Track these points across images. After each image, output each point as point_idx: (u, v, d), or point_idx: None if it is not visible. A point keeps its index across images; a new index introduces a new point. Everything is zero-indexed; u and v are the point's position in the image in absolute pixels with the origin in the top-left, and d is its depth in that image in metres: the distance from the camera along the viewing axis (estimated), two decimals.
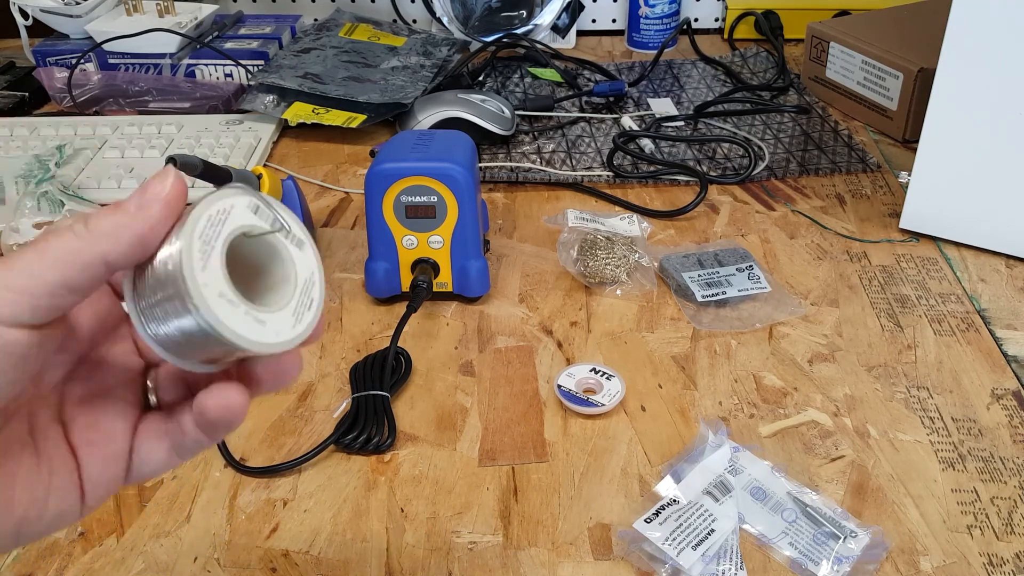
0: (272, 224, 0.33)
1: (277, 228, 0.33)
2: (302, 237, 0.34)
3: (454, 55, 1.15)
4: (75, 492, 0.33)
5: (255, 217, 0.32)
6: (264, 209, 0.33)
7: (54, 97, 1.07)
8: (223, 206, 0.31)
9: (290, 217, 0.33)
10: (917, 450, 0.58)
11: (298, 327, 0.32)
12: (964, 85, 0.72)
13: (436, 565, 0.52)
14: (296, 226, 0.34)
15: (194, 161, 0.63)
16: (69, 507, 0.32)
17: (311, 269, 0.33)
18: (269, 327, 0.31)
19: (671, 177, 0.90)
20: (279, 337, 0.32)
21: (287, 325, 0.32)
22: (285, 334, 0.32)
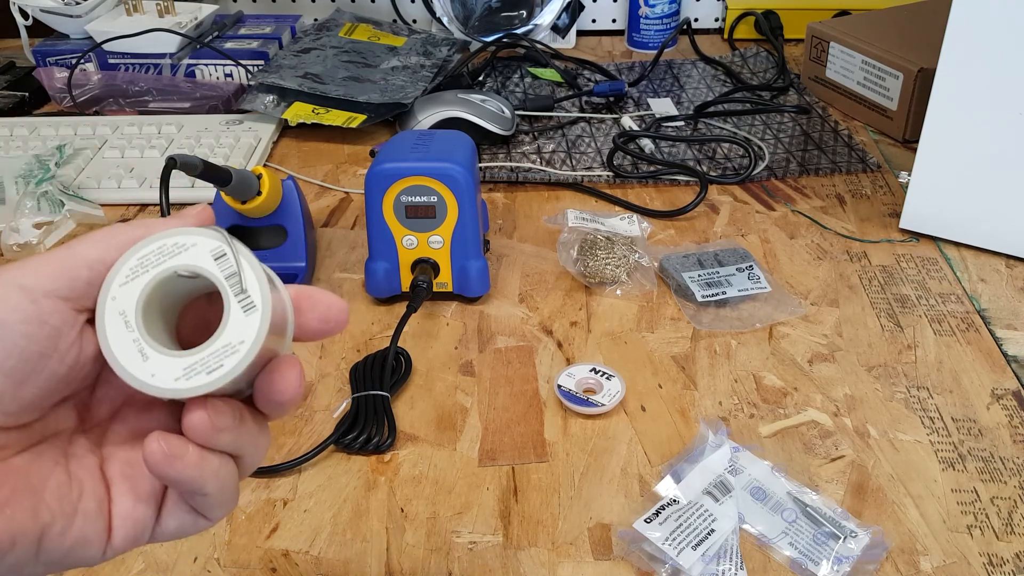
0: (226, 276, 0.31)
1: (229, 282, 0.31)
2: (256, 303, 0.31)
3: (454, 55, 1.15)
4: (102, 522, 0.32)
5: (212, 263, 0.31)
6: (229, 259, 0.31)
7: (54, 97, 1.07)
8: (184, 241, 0.32)
9: (254, 278, 0.32)
10: (917, 450, 0.58)
11: (182, 382, 0.31)
12: (964, 85, 0.72)
13: (436, 565, 0.52)
14: (256, 289, 0.31)
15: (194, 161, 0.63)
16: (94, 536, 0.32)
17: (242, 338, 0.31)
18: (149, 365, 0.31)
19: (671, 177, 0.90)
20: (152, 379, 0.31)
21: (170, 374, 0.31)
22: (161, 380, 0.31)
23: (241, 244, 0.32)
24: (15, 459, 0.31)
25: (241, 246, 0.32)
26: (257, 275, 0.32)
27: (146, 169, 0.91)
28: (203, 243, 0.32)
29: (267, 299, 0.31)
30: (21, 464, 0.31)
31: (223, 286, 0.31)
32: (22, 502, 0.30)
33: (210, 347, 0.31)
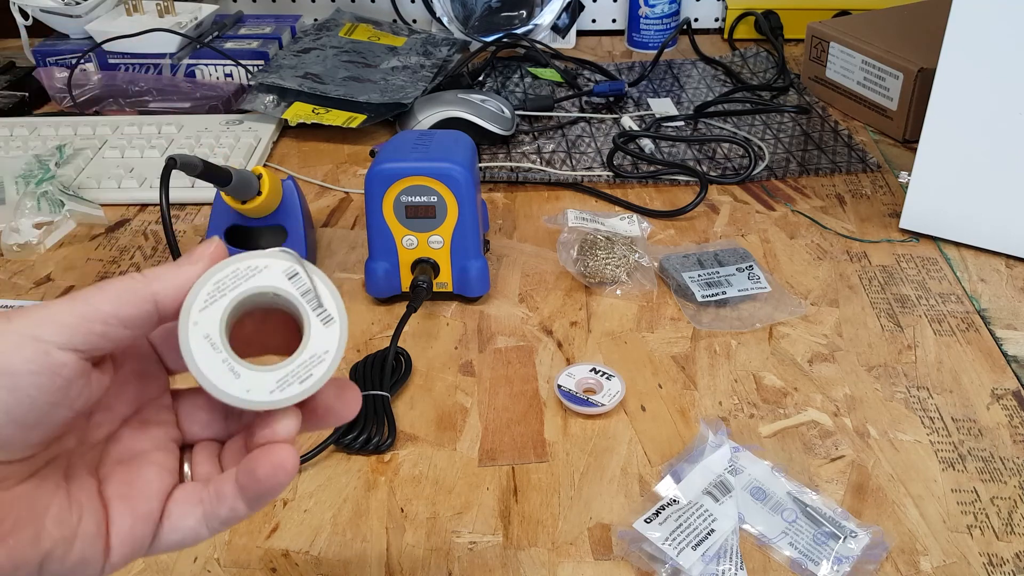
0: (302, 293, 0.34)
1: (305, 298, 0.34)
2: (333, 315, 0.34)
3: (454, 55, 1.15)
4: (101, 543, 0.33)
5: (287, 282, 0.34)
6: (302, 277, 0.34)
7: (54, 97, 1.07)
8: (257, 264, 0.34)
9: (328, 293, 0.34)
10: (917, 450, 0.58)
11: (276, 394, 0.33)
12: (964, 85, 0.72)
13: (436, 565, 0.52)
14: (332, 303, 0.34)
15: (194, 161, 0.63)
16: (93, 556, 0.33)
17: (326, 348, 0.34)
18: (242, 382, 0.33)
19: (671, 177, 0.90)
20: (247, 395, 0.33)
21: (263, 387, 0.33)
22: (256, 395, 0.33)
23: (311, 264, 0.35)
24: (18, 488, 0.31)
25: (311, 265, 0.35)
26: (331, 291, 0.34)
27: (146, 169, 0.91)
28: (275, 264, 0.34)
29: (343, 312, 0.34)
30: (24, 492, 0.31)
31: (300, 302, 0.34)
32: (24, 531, 0.31)
33: (297, 359, 0.34)
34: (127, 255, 0.80)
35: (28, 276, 0.78)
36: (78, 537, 0.32)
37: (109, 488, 0.34)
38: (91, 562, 0.33)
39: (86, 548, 0.32)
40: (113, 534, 0.33)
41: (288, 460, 0.33)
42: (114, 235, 0.84)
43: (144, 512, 0.34)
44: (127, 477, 0.34)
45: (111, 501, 0.34)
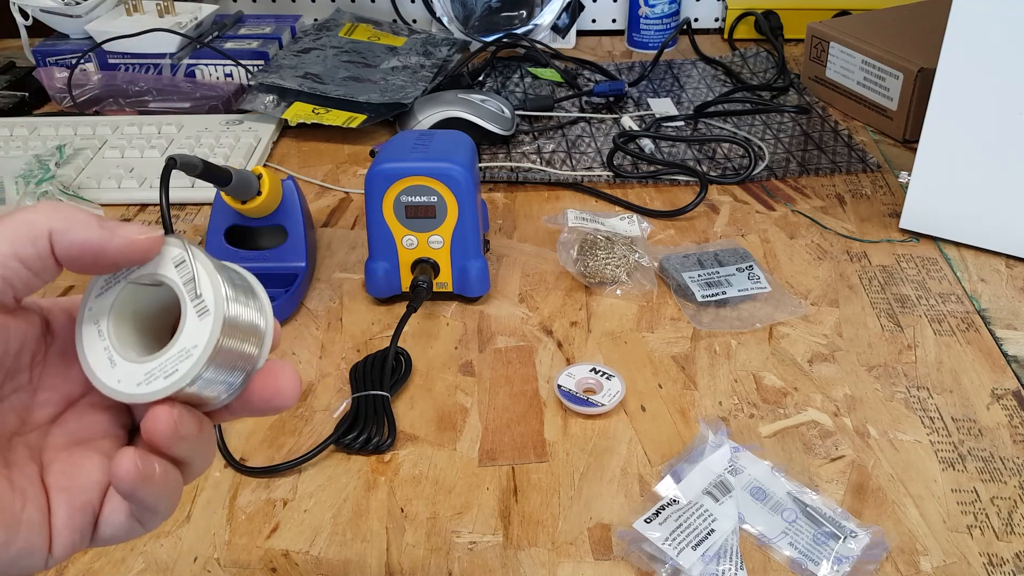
0: (184, 282, 0.32)
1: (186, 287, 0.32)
2: (209, 307, 0.32)
3: (454, 55, 1.15)
4: (44, 534, 0.32)
5: (172, 269, 0.32)
6: (187, 266, 0.32)
7: (54, 97, 1.07)
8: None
9: (208, 282, 0.32)
10: (917, 450, 0.58)
11: (143, 387, 0.32)
12: (964, 85, 0.72)
13: (436, 565, 0.52)
14: (210, 292, 0.32)
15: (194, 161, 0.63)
16: (37, 546, 0.32)
17: (195, 342, 0.31)
18: (116, 371, 0.32)
19: (671, 177, 0.90)
20: (118, 385, 0.32)
21: (132, 379, 0.32)
22: (125, 386, 0.32)
23: (201, 250, 0.33)
24: None
25: (198, 251, 0.33)
26: (212, 280, 0.32)
27: (146, 169, 0.91)
28: (166, 251, 0.32)
29: (220, 302, 0.31)
30: None
31: (181, 292, 0.32)
32: None
33: (167, 352, 0.32)
34: None
35: None
36: (22, 524, 0.31)
37: (50, 477, 0.33)
38: (34, 552, 0.32)
39: (30, 537, 0.32)
40: (54, 524, 0.32)
41: (120, 468, 0.31)
42: None
43: (81, 503, 0.33)
44: (68, 467, 0.33)
45: (52, 491, 0.33)
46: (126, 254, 0.32)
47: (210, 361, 0.31)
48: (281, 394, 0.34)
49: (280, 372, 0.34)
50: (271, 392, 0.34)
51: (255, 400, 0.34)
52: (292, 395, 0.34)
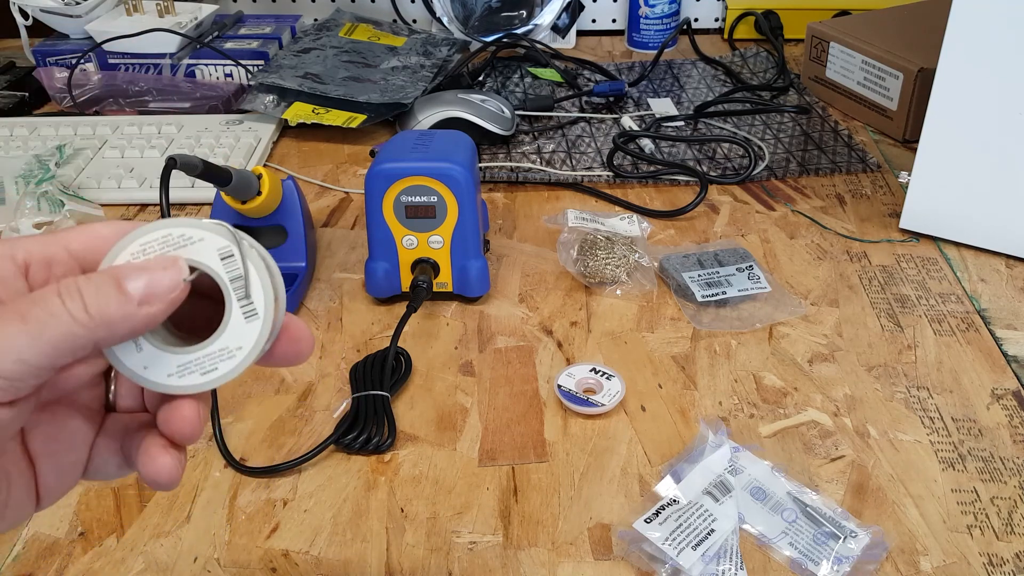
0: (232, 279, 0.30)
1: (233, 284, 0.30)
2: (259, 311, 0.30)
3: (454, 55, 1.15)
4: (31, 500, 0.32)
5: (218, 262, 0.30)
6: (236, 261, 0.30)
7: (54, 97, 1.07)
8: (191, 234, 0.30)
9: (259, 285, 0.30)
10: (917, 450, 0.58)
11: (174, 379, 0.30)
12: (964, 85, 0.72)
13: (436, 565, 0.52)
14: (261, 296, 0.31)
15: (194, 161, 0.63)
16: (25, 513, 0.32)
17: (240, 343, 0.30)
18: (142, 356, 0.30)
19: (671, 177, 0.90)
20: (143, 371, 0.30)
21: (162, 368, 0.30)
22: (152, 373, 0.30)
23: (251, 243, 0.31)
24: None
25: (249, 247, 0.31)
26: (263, 282, 0.31)
27: (146, 169, 0.91)
28: (211, 240, 0.30)
29: (270, 309, 0.31)
30: None
31: (227, 288, 0.30)
32: None
33: (207, 348, 0.30)
34: None
35: None
36: (9, 505, 0.31)
37: (35, 443, 0.32)
38: (23, 517, 0.32)
39: (18, 510, 0.31)
40: (42, 486, 0.32)
41: (163, 473, 0.31)
42: None
43: (70, 463, 0.32)
44: (52, 429, 0.32)
45: (38, 458, 0.32)
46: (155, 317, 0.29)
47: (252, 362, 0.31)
48: (300, 355, 0.33)
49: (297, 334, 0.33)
50: (292, 355, 0.33)
51: (270, 361, 0.33)
52: (308, 352, 0.33)
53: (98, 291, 0.28)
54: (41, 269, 0.30)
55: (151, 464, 0.31)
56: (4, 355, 0.26)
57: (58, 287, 0.28)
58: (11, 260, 0.29)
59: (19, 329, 0.27)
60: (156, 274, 0.29)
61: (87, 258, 0.30)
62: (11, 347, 0.26)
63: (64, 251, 0.30)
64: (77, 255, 0.30)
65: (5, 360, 0.26)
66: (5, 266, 0.29)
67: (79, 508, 0.56)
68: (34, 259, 0.30)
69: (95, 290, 0.28)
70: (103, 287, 0.28)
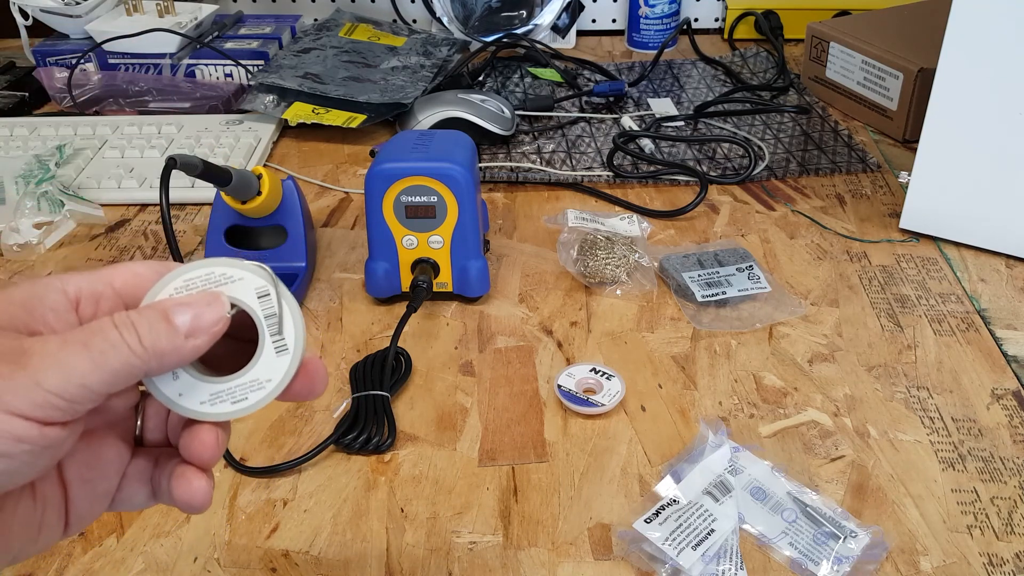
0: (266, 316, 0.33)
1: (267, 321, 0.33)
2: (289, 346, 0.33)
3: (454, 55, 1.15)
4: (61, 525, 0.33)
5: (255, 300, 0.33)
6: (272, 300, 0.33)
7: (54, 97, 1.07)
8: (231, 273, 0.33)
9: (291, 323, 0.33)
10: (917, 450, 0.58)
11: (206, 406, 0.33)
12: (964, 85, 0.72)
13: (436, 565, 0.52)
14: (292, 333, 0.33)
15: (194, 161, 0.63)
16: (54, 538, 0.33)
17: (270, 376, 0.33)
18: (178, 385, 0.33)
19: (671, 177, 0.90)
20: (179, 398, 0.33)
21: (196, 396, 0.33)
22: (187, 401, 0.33)
23: (284, 286, 0.34)
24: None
25: (284, 288, 0.34)
26: (295, 321, 0.33)
27: (146, 169, 0.91)
28: (250, 279, 0.33)
29: (300, 345, 0.33)
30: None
31: (261, 324, 0.33)
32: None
33: (238, 379, 0.33)
34: (127, 255, 0.81)
35: (28, 276, 0.78)
36: (43, 529, 0.32)
37: (70, 469, 0.33)
38: (52, 541, 0.33)
39: (49, 535, 0.32)
40: (72, 512, 0.33)
41: (197, 496, 0.33)
42: (114, 235, 0.84)
43: (102, 492, 0.34)
44: (88, 457, 0.34)
45: (71, 484, 0.33)
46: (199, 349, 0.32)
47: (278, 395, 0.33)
48: (314, 391, 0.35)
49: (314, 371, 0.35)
50: (307, 390, 0.35)
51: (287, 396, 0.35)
52: (322, 389, 0.35)
53: (151, 325, 0.30)
54: (90, 304, 0.32)
55: (186, 487, 0.33)
56: (69, 379, 0.28)
57: (113, 320, 0.30)
58: (63, 294, 0.32)
59: (84, 356, 0.29)
60: (201, 309, 0.31)
61: (129, 295, 0.33)
62: (75, 372, 0.28)
63: (109, 287, 0.32)
64: (120, 292, 0.32)
65: (70, 383, 0.28)
66: (59, 299, 0.31)
67: None
68: (84, 294, 0.32)
69: (147, 324, 0.30)
70: (154, 321, 0.30)
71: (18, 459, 0.28)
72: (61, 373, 0.28)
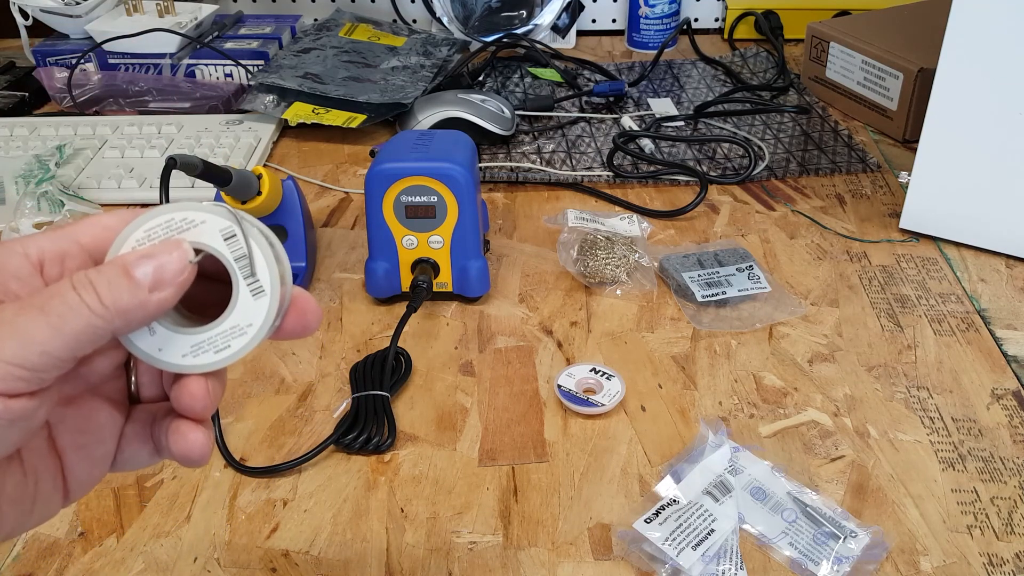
0: (236, 258, 0.31)
1: (239, 264, 0.31)
2: (265, 287, 0.31)
3: (454, 55, 1.15)
4: (59, 494, 0.32)
5: (222, 242, 0.31)
6: (239, 241, 0.31)
7: (54, 97, 1.07)
8: (193, 217, 0.31)
9: (264, 262, 0.31)
10: (917, 450, 0.58)
11: (188, 359, 0.31)
12: (964, 85, 0.72)
13: (436, 565, 0.52)
14: (266, 273, 0.31)
15: (194, 161, 0.63)
16: (52, 509, 0.32)
17: (250, 320, 0.31)
18: (156, 339, 0.31)
19: (671, 177, 0.90)
20: (158, 353, 0.31)
21: (176, 349, 0.31)
22: (167, 355, 0.31)
23: (253, 222, 0.32)
24: None
25: (251, 225, 0.32)
26: (267, 259, 0.31)
27: (146, 169, 0.91)
28: (212, 221, 0.31)
29: (276, 284, 0.31)
30: None
31: (232, 267, 0.31)
32: None
33: (218, 327, 0.31)
34: None
35: None
36: (37, 501, 0.31)
37: (62, 437, 0.32)
38: (51, 512, 0.32)
39: (45, 507, 0.32)
40: (70, 480, 0.32)
41: (195, 449, 0.32)
42: None
43: (100, 455, 0.33)
44: (79, 422, 0.32)
45: (65, 451, 0.32)
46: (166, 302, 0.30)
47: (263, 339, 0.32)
48: (308, 328, 0.34)
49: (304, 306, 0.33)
50: (300, 328, 0.33)
51: (280, 335, 0.34)
52: (316, 324, 0.34)
53: (110, 283, 0.28)
54: (55, 265, 0.30)
55: (182, 441, 0.32)
56: (29, 347, 0.27)
57: (71, 280, 0.28)
58: (25, 257, 0.30)
59: (41, 322, 0.27)
60: (162, 259, 0.29)
61: (98, 250, 0.31)
62: (35, 339, 0.27)
63: (75, 245, 0.31)
64: (88, 248, 0.31)
65: (30, 352, 0.27)
66: (20, 263, 0.30)
67: (79, 508, 0.56)
68: (47, 255, 0.30)
69: (107, 282, 0.28)
70: (114, 278, 0.29)
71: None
72: (18, 342, 0.27)
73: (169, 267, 0.29)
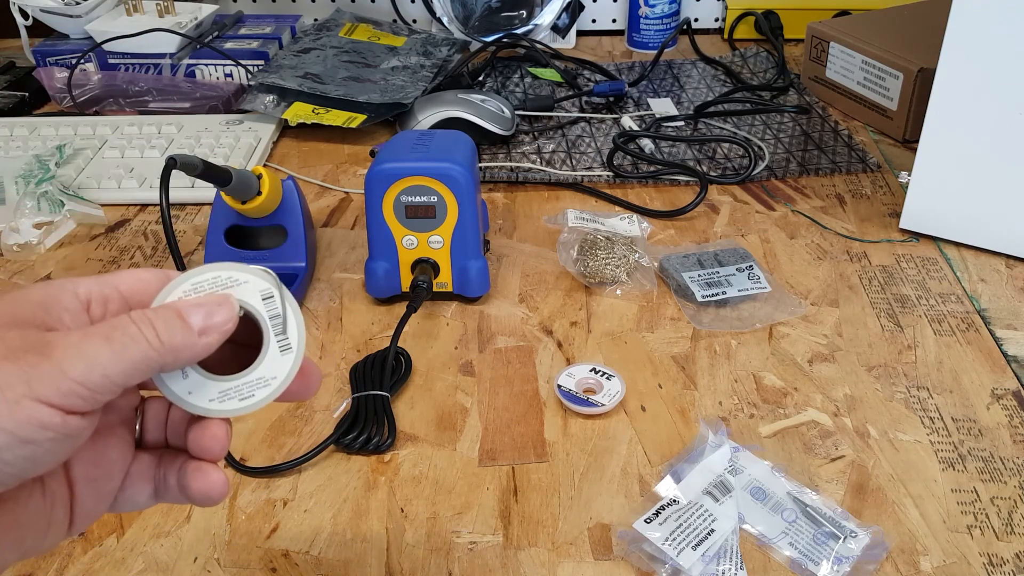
0: (271, 317, 0.35)
1: (272, 322, 0.35)
2: (292, 346, 0.35)
3: (454, 55, 1.15)
4: (67, 522, 0.34)
5: (260, 302, 0.35)
6: (276, 302, 0.35)
7: (54, 97, 1.07)
8: (237, 276, 0.35)
9: (295, 324, 0.35)
10: (917, 450, 0.58)
11: (215, 404, 0.34)
12: (964, 85, 0.72)
13: (436, 565, 0.52)
14: (295, 334, 0.35)
15: (194, 161, 0.63)
16: (59, 538, 0.34)
17: (275, 374, 0.35)
18: (187, 383, 0.34)
19: (671, 177, 0.90)
20: (188, 396, 0.34)
21: (205, 394, 0.34)
22: (196, 399, 0.34)
23: (286, 289, 0.36)
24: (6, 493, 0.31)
25: (287, 291, 0.35)
26: (298, 321, 0.35)
27: (146, 169, 0.91)
28: (254, 282, 0.35)
29: (302, 346, 0.35)
30: (8, 497, 0.32)
31: (266, 324, 0.35)
32: (7, 541, 0.31)
33: (245, 377, 0.35)
34: (127, 255, 0.81)
35: (28, 276, 0.78)
36: (51, 525, 0.33)
37: (76, 468, 0.34)
38: (57, 540, 0.34)
39: (56, 532, 0.33)
40: (77, 511, 0.34)
41: (216, 488, 0.35)
42: (114, 235, 0.84)
43: (107, 491, 0.35)
44: (93, 456, 0.35)
45: (77, 482, 0.34)
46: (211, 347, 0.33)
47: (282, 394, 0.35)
48: (310, 390, 0.37)
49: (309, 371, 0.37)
50: (303, 390, 0.37)
51: (284, 396, 0.36)
52: (317, 388, 0.37)
53: (166, 322, 0.32)
54: (99, 305, 0.33)
55: (204, 480, 0.35)
56: (92, 368, 0.30)
57: (131, 316, 0.32)
58: (75, 296, 0.33)
59: (105, 348, 0.30)
60: (212, 309, 0.33)
61: (133, 297, 0.34)
62: (98, 362, 0.30)
63: (116, 291, 0.34)
64: (125, 295, 0.34)
65: (94, 374, 0.30)
66: (72, 300, 0.33)
67: None
68: (93, 296, 0.33)
69: (163, 321, 0.32)
70: (169, 319, 0.32)
71: (42, 446, 0.29)
72: (84, 363, 0.29)
73: (218, 316, 0.33)
